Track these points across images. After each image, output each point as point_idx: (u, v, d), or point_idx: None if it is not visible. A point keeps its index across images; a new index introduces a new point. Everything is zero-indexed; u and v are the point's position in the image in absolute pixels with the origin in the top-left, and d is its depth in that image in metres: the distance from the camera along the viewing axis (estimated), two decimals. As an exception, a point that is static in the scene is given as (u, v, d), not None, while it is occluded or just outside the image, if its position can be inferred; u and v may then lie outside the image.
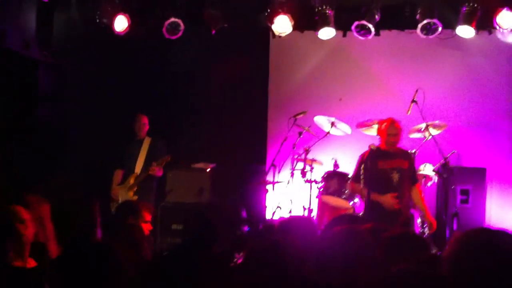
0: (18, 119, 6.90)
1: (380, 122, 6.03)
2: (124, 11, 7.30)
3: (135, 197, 6.75)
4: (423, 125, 6.72)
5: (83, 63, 7.86)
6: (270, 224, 4.06)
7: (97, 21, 7.30)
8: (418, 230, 6.39)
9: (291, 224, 3.65)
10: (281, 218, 6.01)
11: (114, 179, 7.01)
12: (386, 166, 5.82)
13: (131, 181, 6.89)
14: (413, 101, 6.74)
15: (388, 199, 5.72)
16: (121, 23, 7.30)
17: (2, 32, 6.32)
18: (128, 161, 7.01)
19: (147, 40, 7.70)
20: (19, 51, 6.76)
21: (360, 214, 6.13)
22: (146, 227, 4.97)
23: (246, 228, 4.75)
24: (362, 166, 5.77)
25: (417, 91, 6.74)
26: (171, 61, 7.89)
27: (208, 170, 7.49)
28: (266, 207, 7.36)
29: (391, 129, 5.85)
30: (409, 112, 6.77)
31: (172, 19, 7.32)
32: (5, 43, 6.42)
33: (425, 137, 6.77)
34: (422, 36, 7.05)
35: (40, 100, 7.26)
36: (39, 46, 7.13)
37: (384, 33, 7.70)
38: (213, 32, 7.41)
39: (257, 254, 2.79)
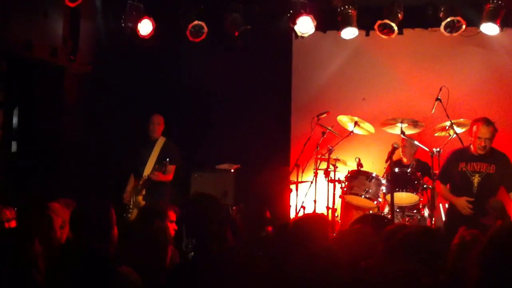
0: (41, 125, 7.03)
1: (472, 122, 5.76)
2: (148, 15, 7.42)
3: (143, 202, 6.46)
4: (447, 123, 6.66)
5: (109, 70, 7.97)
6: (284, 224, 4.07)
7: (122, 25, 7.42)
8: None
9: (304, 223, 3.69)
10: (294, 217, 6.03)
11: (129, 182, 6.81)
12: (468, 168, 5.64)
13: (140, 184, 6.64)
14: (437, 99, 6.71)
15: (461, 202, 5.59)
16: (146, 27, 7.42)
17: (28, 42, 6.47)
18: (139, 163, 6.75)
19: (171, 43, 7.80)
20: (46, 59, 6.89)
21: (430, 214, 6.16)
22: (172, 227, 5.06)
23: (270, 229, 4.79)
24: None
25: (441, 89, 6.71)
26: (195, 64, 7.97)
27: (232, 171, 7.56)
28: (290, 207, 7.39)
29: (482, 132, 5.56)
30: (433, 110, 6.74)
31: (196, 22, 7.42)
32: (32, 52, 6.55)
33: (449, 135, 6.71)
34: (446, 34, 7.00)
35: (65, 107, 7.36)
36: (65, 53, 7.26)
37: (407, 31, 7.67)
38: (236, 34, 7.48)
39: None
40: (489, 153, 5.61)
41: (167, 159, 6.39)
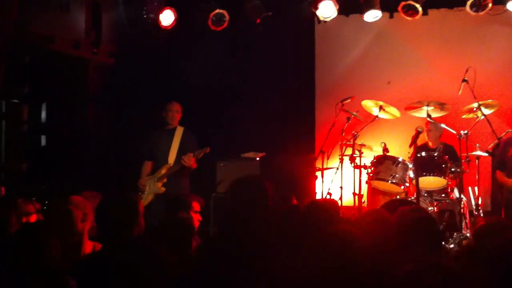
0: (68, 118, 7.11)
1: None
2: (170, 5, 7.42)
3: (163, 189, 6.35)
4: (475, 105, 6.53)
5: (132, 61, 8.00)
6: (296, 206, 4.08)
7: (144, 16, 7.44)
8: None
9: (315, 207, 3.70)
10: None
11: (143, 170, 6.55)
12: None
13: (163, 171, 6.40)
14: (463, 80, 6.58)
15: None
16: (168, 17, 7.43)
17: (50, 36, 6.53)
18: (159, 151, 6.51)
19: (192, 33, 7.79)
20: (69, 52, 6.94)
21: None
22: (196, 217, 5.09)
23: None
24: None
25: (467, 70, 6.57)
26: (218, 53, 7.95)
27: (257, 159, 7.55)
28: (315, 194, 7.37)
29: None
30: (460, 92, 6.61)
31: (217, 11, 7.40)
32: (54, 46, 6.61)
33: (477, 117, 6.59)
34: (472, 13, 6.85)
35: (89, 99, 7.42)
36: (88, 46, 7.31)
37: (432, 12, 7.53)
38: (258, 21, 7.43)
39: None
40: None
41: (195, 142, 6.41)
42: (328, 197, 6.92)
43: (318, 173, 7.22)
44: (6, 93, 6.19)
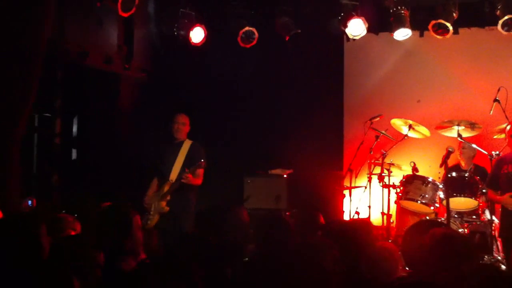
0: (99, 132, 7.18)
1: (509, 123, 5.93)
2: (200, 22, 7.50)
3: (167, 208, 5.98)
4: (507, 126, 6.43)
5: (163, 76, 8.08)
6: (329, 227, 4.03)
7: (175, 33, 7.53)
8: None
9: (348, 227, 3.67)
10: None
11: (150, 186, 6.21)
12: (509, 169, 5.67)
13: (165, 189, 6.03)
14: (495, 100, 6.50)
15: (506, 199, 5.64)
16: (198, 35, 7.51)
17: (83, 51, 6.63)
18: (163, 167, 6.16)
19: (222, 49, 7.85)
20: (101, 67, 7.04)
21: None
22: None
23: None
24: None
25: (499, 89, 6.50)
26: (247, 70, 8.00)
27: (285, 176, 7.54)
28: (343, 212, 7.31)
29: None
30: (491, 111, 6.53)
31: (247, 28, 7.45)
32: (87, 60, 6.70)
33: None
34: (504, 32, 6.79)
35: (120, 114, 7.49)
36: (120, 61, 7.41)
37: (463, 31, 7.49)
38: (287, 38, 7.46)
39: None
40: None
41: (202, 160, 5.92)
42: (356, 216, 6.86)
43: (346, 192, 7.17)
44: (39, 107, 6.29)
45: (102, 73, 7.14)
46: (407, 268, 3.52)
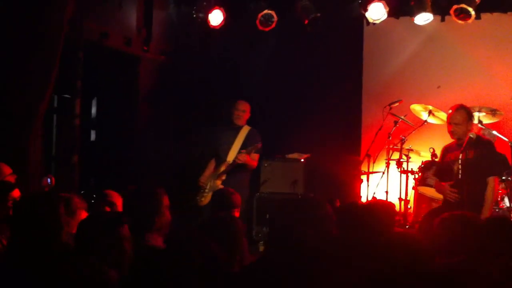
0: (118, 114, 7.22)
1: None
2: (219, 5, 7.47)
3: (221, 187, 6.24)
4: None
5: (182, 59, 8.08)
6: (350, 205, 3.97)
7: (194, 16, 7.51)
8: None
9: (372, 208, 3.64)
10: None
11: (208, 167, 6.58)
12: (451, 157, 5.46)
13: (222, 168, 6.40)
14: (517, 86, 6.43)
15: (444, 189, 5.37)
16: (216, 17, 7.49)
17: (103, 32, 6.64)
18: (221, 148, 6.51)
19: (241, 32, 7.82)
20: (121, 48, 7.05)
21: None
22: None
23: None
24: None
25: (521, 76, 6.42)
26: (265, 53, 7.96)
27: (302, 160, 7.53)
28: (360, 197, 7.29)
29: (451, 118, 5.44)
30: (512, 98, 6.47)
31: (266, 11, 7.40)
32: (107, 42, 6.73)
33: (530, 124, 6.42)
34: (527, 18, 6.69)
35: (139, 96, 7.52)
36: (140, 43, 7.41)
37: (485, 16, 7.36)
38: (306, 22, 7.41)
39: None
40: (472, 140, 5.30)
41: (259, 142, 6.29)
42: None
43: (364, 177, 7.15)
44: (58, 88, 6.33)
45: (121, 54, 7.16)
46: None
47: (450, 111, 5.46)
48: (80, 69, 6.67)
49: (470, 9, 6.78)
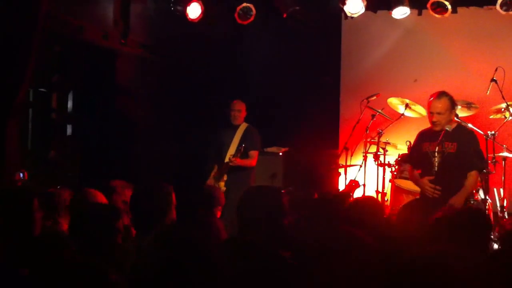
0: (95, 108, 7.16)
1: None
2: (197, -2, 7.43)
3: (224, 188, 6.31)
4: (503, 105, 6.44)
5: (160, 52, 8.03)
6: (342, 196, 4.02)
7: (172, 9, 7.46)
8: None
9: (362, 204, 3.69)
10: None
11: (213, 169, 6.61)
12: (430, 148, 5.05)
13: (220, 170, 6.47)
14: (492, 80, 6.48)
15: (422, 184, 5.08)
16: (194, 10, 7.44)
17: (80, 26, 6.58)
18: (222, 148, 6.61)
19: (219, 26, 7.80)
20: (97, 42, 6.99)
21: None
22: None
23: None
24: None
25: (496, 69, 6.47)
26: (244, 46, 7.96)
27: (281, 154, 7.56)
28: (338, 191, 7.34)
29: (432, 106, 5.04)
30: (488, 91, 6.52)
31: (244, 4, 7.39)
32: (83, 35, 6.66)
33: (505, 117, 6.50)
34: (502, 12, 6.76)
35: (118, 90, 7.46)
36: (117, 36, 7.35)
37: (461, 10, 7.45)
38: (284, 15, 7.41)
39: None
40: (453, 130, 5.06)
41: (243, 145, 6.33)
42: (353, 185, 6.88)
43: (341, 170, 7.20)
44: (34, 81, 6.26)
45: (98, 48, 7.09)
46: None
47: (431, 98, 5.07)
48: (56, 63, 6.60)
49: (447, 3, 6.84)
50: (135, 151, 7.43)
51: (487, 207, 6.10)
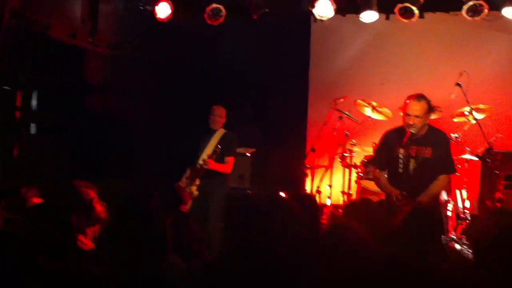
0: (61, 107, 7.08)
1: (406, 99, 5.04)
2: (166, -3, 7.41)
3: (196, 193, 6.21)
4: (467, 109, 6.57)
5: (129, 52, 7.98)
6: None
7: (141, 8, 7.43)
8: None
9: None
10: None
11: (186, 173, 6.46)
12: (404, 153, 4.94)
13: (193, 174, 6.33)
14: (457, 84, 6.60)
15: (390, 191, 4.95)
16: (164, 10, 7.42)
17: (47, 24, 6.50)
18: (199, 153, 6.43)
19: (189, 27, 7.79)
20: (64, 40, 6.92)
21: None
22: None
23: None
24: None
25: (461, 74, 6.60)
26: (213, 48, 7.95)
27: (248, 154, 7.57)
28: (305, 191, 7.39)
29: (410, 109, 4.88)
30: (453, 95, 6.63)
31: (214, 5, 7.38)
32: (51, 33, 6.59)
33: (469, 121, 6.63)
34: (468, 18, 6.86)
35: (85, 89, 7.39)
36: (85, 35, 7.29)
37: (428, 15, 7.54)
38: (255, 17, 7.43)
39: None
40: (425, 133, 4.98)
41: (219, 146, 6.23)
42: (317, 195, 6.96)
43: (308, 171, 7.25)
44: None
45: (65, 46, 7.01)
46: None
47: (409, 100, 4.94)
48: (21, 61, 6.50)
49: (414, 8, 6.92)
50: (103, 148, 7.38)
51: (449, 208, 6.22)
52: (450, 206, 6.25)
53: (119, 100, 7.78)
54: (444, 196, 6.29)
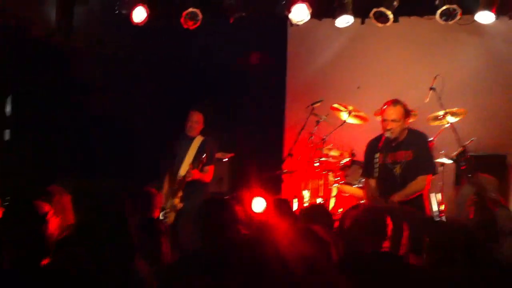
0: (38, 112, 6.99)
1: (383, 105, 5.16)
2: (143, 1, 7.35)
3: (180, 205, 6.07)
4: (441, 113, 6.65)
5: (106, 53, 7.92)
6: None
7: (116, 11, 7.36)
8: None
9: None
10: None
11: (164, 183, 6.23)
12: (387, 160, 5.04)
13: (176, 185, 6.14)
14: (431, 88, 6.68)
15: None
16: (139, 14, 7.36)
17: (23, 26, 6.42)
18: (176, 162, 6.27)
19: (166, 30, 7.75)
20: (41, 41, 6.83)
21: None
22: None
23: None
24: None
25: (435, 77, 6.67)
26: (189, 51, 7.93)
27: (226, 159, 7.56)
28: (282, 196, 7.40)
29: (387, 114, 5.02)
30: (427, 99, 6.71)
31: (191, 9, 7.35)
32: (25, 36, 6.50)
33: (443, 124, 6.71)
34: (442, 22, 6.94)
35: (61, 91, 7.31)
36: (60, 36, 7.20)
37: (403, 19, 7.59)
38: (231, 21, 7.42)
39: None
40: (405, 137, 5.09)
41: (204, 155, 6.06)
42: (295, 200, 6.97)
43: (286, 176, 7.26)
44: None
45: (42, 47, 6.93)
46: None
47: (385, 106, 5.05)
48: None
49: (389, 12, 6.98)
50: (84, 148, 7.32)
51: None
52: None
53: (99, 99, 7.71)
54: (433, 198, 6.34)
